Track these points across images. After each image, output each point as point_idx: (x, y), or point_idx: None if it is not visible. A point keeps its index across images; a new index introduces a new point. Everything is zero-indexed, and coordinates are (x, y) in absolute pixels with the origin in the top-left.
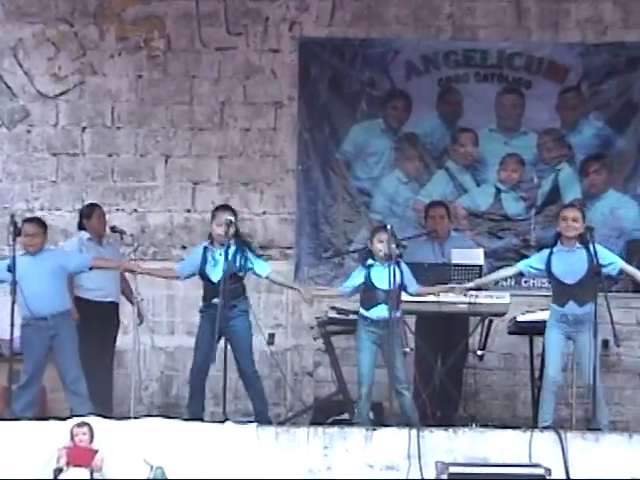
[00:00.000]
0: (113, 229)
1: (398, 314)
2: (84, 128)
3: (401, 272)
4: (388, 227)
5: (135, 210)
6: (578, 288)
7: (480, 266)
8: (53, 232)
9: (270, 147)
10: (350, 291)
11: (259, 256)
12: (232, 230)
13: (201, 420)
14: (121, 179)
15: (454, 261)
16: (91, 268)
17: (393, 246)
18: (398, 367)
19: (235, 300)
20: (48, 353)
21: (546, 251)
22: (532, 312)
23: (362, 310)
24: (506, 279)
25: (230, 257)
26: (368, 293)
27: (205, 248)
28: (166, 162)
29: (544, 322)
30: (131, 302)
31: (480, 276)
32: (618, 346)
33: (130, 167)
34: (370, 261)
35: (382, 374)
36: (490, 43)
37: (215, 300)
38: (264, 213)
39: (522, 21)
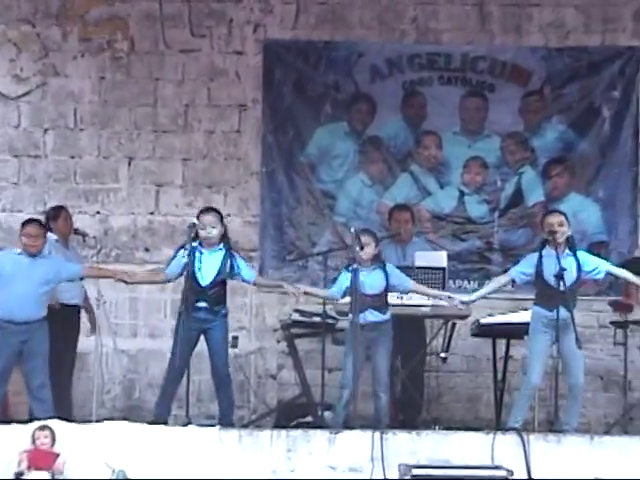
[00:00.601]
0: (76, 231)
1: (387, 316)
2: (46, 130)
3: (386, 274)
4: (352, 230)
5: (98, 212)
6: (569, 293)
7: (443, 269)
8: (15, 234)
9: (234, 150)
10: (341, 295)
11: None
12: (193, 233)
13: (165, 423)
14: (84, 181)
15: (417, 264)
16: (82, 278)
17: (357, 249)
18: (381, 370)
19: (219, 305)
20: (18, 358)
21: (534, 255)
22: (495, 315)
23: (351, 315)
24: (500, 289)
25: (220, 261)
26: (356, 299)
27: (193, 249)
28: (129, 164)
29: (507, 324)
30: (86, 310)
31: (444, 279)
32: (580, 348)
33: (93, 169)
34: (355, 265)
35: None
36: (454, 47)
37: (200, 304)
38: (228, 215)
39: (485, 25)
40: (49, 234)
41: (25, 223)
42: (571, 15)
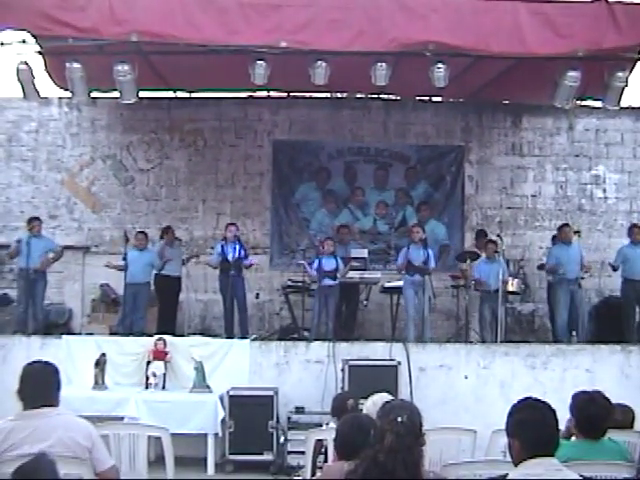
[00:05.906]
0: None
1: (336, 282)
2: None
3: (336, 261)
4: (319, 238)
5: None
6: (422, 267)
7: (365, 258)
8: None
9: (257, 196)
10: (316, 269)
11: None
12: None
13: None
14: None
15: (352, 255)
16: None
17: (322, 248)
18: (330, 310)
19: None
20: None
21: (404, 249)
22: (391, 282)
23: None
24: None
25: None
26: (321, 273)
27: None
28: (203, 203)
29: (397, 287)
30: None
31: (365, 263)
32: (435, 297)
33: None
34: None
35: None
36: (371, 144)
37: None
38: (254, 230)
39: (386, 132)
40: None
41: None
42: (430, 129)
